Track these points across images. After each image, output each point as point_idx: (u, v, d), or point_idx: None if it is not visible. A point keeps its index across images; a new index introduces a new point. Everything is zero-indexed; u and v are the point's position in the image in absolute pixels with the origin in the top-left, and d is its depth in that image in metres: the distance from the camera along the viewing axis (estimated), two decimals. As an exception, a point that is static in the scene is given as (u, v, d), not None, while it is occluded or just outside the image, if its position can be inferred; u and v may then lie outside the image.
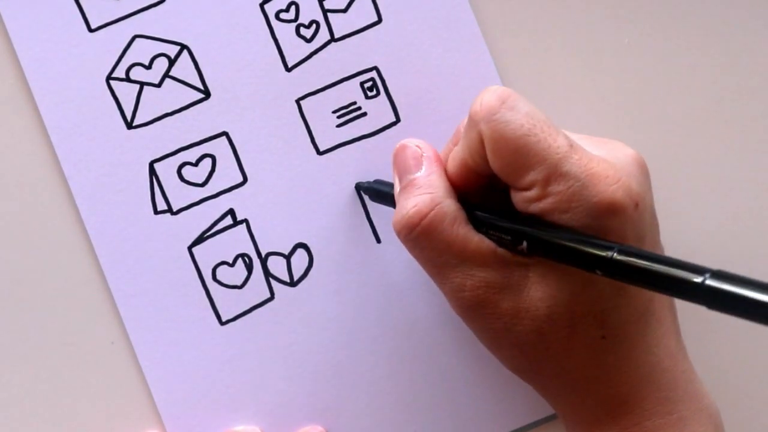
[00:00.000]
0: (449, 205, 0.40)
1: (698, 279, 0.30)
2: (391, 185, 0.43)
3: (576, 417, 0.40)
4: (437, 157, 0.42)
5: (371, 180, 0.46)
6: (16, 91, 0.46)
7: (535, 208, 0.37)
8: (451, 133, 0.45)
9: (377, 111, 0.46)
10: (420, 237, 0.40)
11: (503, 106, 0.38)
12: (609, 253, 0.34)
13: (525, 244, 0.37)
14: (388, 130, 0.46)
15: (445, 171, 0.41)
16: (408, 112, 0.46)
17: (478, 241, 0.39)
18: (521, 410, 0.46)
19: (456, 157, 0.40)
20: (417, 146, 0.42)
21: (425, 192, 0.40)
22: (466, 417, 0.46)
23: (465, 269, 0.39)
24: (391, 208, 0.46)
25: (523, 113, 0.38)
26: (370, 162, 0.46)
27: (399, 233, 0.40)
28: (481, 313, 0.39)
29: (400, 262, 0.46)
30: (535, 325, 0.38)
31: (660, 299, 0.40)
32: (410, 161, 0.42)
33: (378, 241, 0.46)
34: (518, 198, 0.38)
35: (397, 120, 0.46)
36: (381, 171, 0.46)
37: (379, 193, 0.45)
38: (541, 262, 0.38)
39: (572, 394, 0.40)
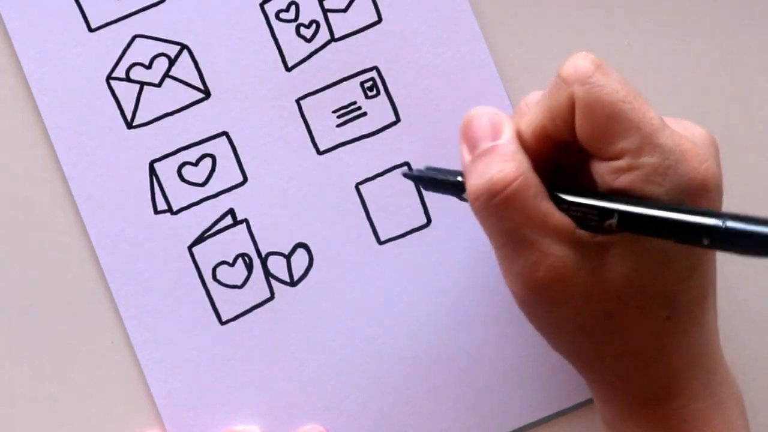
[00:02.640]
0: (533, 177, 0.38)
1: None
2: (449, 172, 0.41)
3: (624, 398, 0.40)
4: (516, 130, 0.40)
5: (421, 168, 0.42)
6: (16, 91, 0.46)
7: (624, 180, 0.36)
8: (450, 133, 0.45)
9: (377, 111, 0.46)
10: (501, 205, 0.37)
11: (598, 71, 0.37)
12: (720, 222, 0.33)
13: (616, 217, 0.36)
14: (388, 130, 0.46)
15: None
16: (408, 112, 0.46)
17: (559, 217, 0.37)
18: (522, 410, 0.46)
19: (535, 124, 0.39)
20: (496, 113, 0.40)
21: (510, 160, 0.38)
22: (465, 417, 0.46)
23: (543, 246, 0.37)
24: (395, 210, 0.46)
25: (617, 80, 0.37)
26: (370, 162, 0.46)
27: (477, 199, 0.38)
28: (551, 296, 0.38)
29: (400, 263, 0.46)
30: (605, 308, 0.37)
31: (713, 285, 0.39)
32: (489, 128, 0.39)
33: (378, 241, 0.46)
34: (604, 168, 0.37)
35: (397, 120, 0.46)
36: (381, 171, 0.46)
37: (435, 181, 0.41)
38: (620, 242, 0.37)
39: (627, 374, 0.39)
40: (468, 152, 0.40)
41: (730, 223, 0.32)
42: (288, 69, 0.46)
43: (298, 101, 0.46)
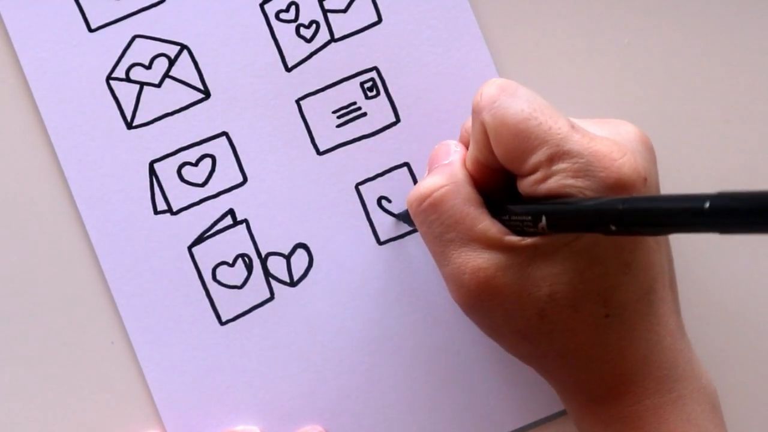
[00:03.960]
0: (465, 186, 0.40)
1: (704, 205, 0.30)
2: None
3: (577, 396, 0.41)
4: (464, 154, 0.42)
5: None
6: (16, 91, 0.46)
7: (543, 189, 0.38)
8: (450, 133, 0.45)
9: (377, 111, 0.46)
10: (429, 209, 0.40)
11: (503, 94, 0.38)
12: (619, 206, 0.33)
13: (544, 220, 0.37)
14: (388, 130, 0.46)
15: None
16: (408, 112, 0.46)
17: (487, 223, 0.39)
18: (523, 409, 0.46)
19: (470, 156, 0.41)
20: (456, 144, 0.43)
21: (445, 173, 0.41)
22: (465, 416, 0.46)
23: (468, 250, 0.39)
24: (395, 210, 0.46)
25: (523, 99, 0.38)
26: (370, 162, 0.46)
27: (410, 205, 0.41)
28: (480, 299, 0.39)
29: (399, 263, 0.46)
30: (537, 308, 0.38)
31: (662, 278, 0.40)
32: (442, 155, 0.42)
33: (378, 241, 0.46)
34: (525, 184, 0.38)
35: (397, 120, 0.46)
36: (381, 171, 0.46)
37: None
38: (550, 243, 0.38)
39: (574, 373, 0.40)
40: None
41: (628, 206, 0.33)
42: (288, 69, 0.46)
43: (298, 101, 0.46)
